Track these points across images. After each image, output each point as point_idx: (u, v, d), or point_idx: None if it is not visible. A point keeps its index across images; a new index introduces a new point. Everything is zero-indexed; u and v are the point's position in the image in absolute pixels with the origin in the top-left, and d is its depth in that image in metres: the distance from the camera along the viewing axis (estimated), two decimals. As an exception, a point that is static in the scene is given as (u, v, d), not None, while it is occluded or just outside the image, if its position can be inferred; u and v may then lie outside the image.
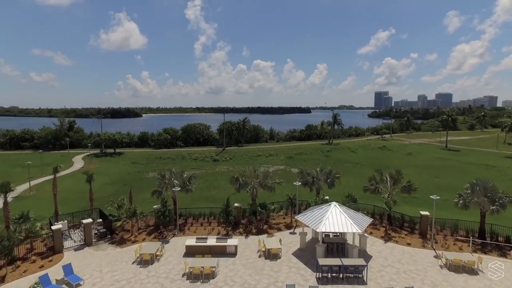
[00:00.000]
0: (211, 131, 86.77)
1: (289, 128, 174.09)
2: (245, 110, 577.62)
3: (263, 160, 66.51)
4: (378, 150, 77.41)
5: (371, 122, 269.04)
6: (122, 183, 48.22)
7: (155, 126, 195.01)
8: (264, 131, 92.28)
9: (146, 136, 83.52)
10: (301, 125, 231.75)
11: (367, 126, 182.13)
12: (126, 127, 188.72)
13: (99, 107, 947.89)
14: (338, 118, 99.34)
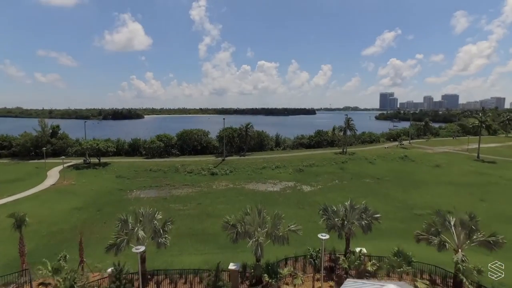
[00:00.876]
0: (210, 138, 77.65)
1: (295, 132, 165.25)
2: (249, 111, 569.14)
3: (269, 174, 57.36)
4: (399, 161, 67.84)
5: (379, 125, 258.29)
6: (96, 207, 39.34)
7: (156, 128, 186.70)
8: (269, 137, 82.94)
9: (138, 144, 74.66)
10: (307, 127, 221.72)
11: (377, 129, 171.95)
12: (125, 130, 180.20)
13: (102, 108, 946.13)
14: (351, 123, 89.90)
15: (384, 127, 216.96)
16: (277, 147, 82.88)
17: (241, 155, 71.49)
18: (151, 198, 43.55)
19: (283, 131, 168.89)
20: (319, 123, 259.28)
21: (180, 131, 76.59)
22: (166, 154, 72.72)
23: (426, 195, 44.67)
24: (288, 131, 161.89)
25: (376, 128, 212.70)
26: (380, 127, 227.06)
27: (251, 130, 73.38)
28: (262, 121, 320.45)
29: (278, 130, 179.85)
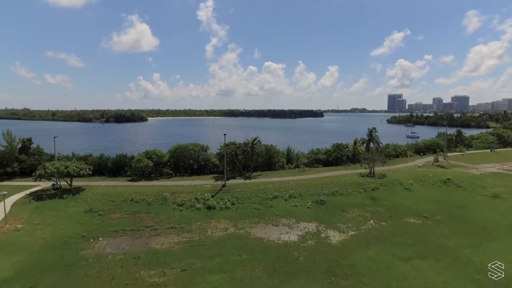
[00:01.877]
0: (209, 154, 64.94)
1: (305, 138, 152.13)
2: (255, 113, 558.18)
3: (281, 208, 44.60)
4: (442, 187, 54.48)
5: (393, 129, 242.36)
6: (31, 279, 26.90)
7: (158, 134, 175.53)
8: (280, 152, 69.88)
9: (124, 161, 62.38)
10: (318, 133, 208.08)
11: (391, 134, 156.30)
12: (125, 135, 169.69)
13: (109, 109, 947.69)
14: (375, 135, 76.74)
15: (399, 133, 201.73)
16: (289, 164, 69.98)
17: (246, 177, 58.77)
18: (118, 257, 30.96)
19: (292, 138, 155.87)
20: (329, 128, 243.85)
21: (174, 146, 64.05)
22: (156, 175, 60.52)
23: (509, 254, 31.35)
24: (297, 138, 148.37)
25: (390, 133, 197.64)
26: (395, 132, 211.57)
27: (259, 147, 60.58)
28: (269, 124, 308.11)
29: (286, 136, 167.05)
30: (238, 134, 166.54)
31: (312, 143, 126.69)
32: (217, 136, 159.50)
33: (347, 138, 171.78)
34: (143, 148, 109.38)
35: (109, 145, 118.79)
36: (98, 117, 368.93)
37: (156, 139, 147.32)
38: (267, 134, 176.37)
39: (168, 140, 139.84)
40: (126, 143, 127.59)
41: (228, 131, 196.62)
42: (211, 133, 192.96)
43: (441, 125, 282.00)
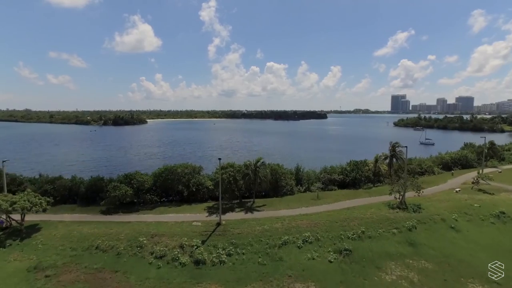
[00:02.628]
0: (202, 177, 53.50)
1: (311, 145, 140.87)
2: (258, 115, 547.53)
3: (295, 261, 33.33)
4: (498, 225, 42.88)
5: (402, 134, 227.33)
6: None
7: (154, 141, 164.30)
8: (288, 173, 58.19)
9: (99, 185, 51.08)
10: (323, 137, 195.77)
11: (403, 140, 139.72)
12: (119, 141, 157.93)
13: (110, 109, 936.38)
14: (398, 151, 65.39)
15: (410, 137, 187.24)
16: (299, 186, 58.52)
17: (248, 208, 47.37)
18: None
19: (298, 144, 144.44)
20: (335, 133, 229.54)
21: (160, 168, 52.63)
22: (138, 202, 49.38)
23: None
24: (303, 145, 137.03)
25: (400, 139, 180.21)
26: (405, 137, 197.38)
27: (263, 170, 49.01)
28: (272, 127, 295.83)
29: (291, 141, 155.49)
30: (240, 141, 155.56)
31: (320, 151, 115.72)
32: (217, 143, 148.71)
33: (357, 144, 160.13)
34: (135, 159, 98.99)
35: (98, 156, 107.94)
36: (96, 120, 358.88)
37: (152, 147, 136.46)
38: (270, 140, 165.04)
39: (164, 149, 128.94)
40: (117, 152, 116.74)
41: (228, 137, 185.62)
42: (211, 138, 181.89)
43: (452, 128, 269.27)
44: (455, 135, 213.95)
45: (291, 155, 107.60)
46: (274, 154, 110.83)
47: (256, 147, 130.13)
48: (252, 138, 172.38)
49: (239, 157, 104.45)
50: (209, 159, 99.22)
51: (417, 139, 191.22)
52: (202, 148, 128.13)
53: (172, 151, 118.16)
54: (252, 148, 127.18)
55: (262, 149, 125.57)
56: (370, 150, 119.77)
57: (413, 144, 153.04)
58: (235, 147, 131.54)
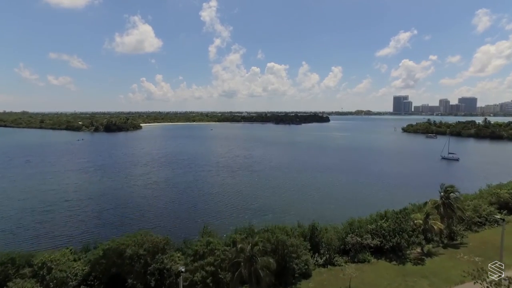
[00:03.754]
0: (170, 257, 34.65)
1: (318, 160, 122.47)
2: (258, 118, 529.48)
3: None
4: None
5: (414, 143, 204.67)
6: None
7: (142, 156, 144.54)
8: (299, 244, 38.73)
9: (5, 272, 32.37)
10: (330, 148, 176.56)
11: (421, 154, 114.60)
12: (103, 155, 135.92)
13: (110, 110, 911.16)
14: (454, 196, 46.86)
15: (427, 149, 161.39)
16: (316, 256, 39.74)
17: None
18: None
19: (303, 160, 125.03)
20: (341, 141, 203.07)
21: (100, 247, 33.67)
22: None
23: None
24: (309, 161, 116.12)
25: (415, 151, 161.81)
26: (419, 147, 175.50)
27: (265, 261, 29.89)
28: (273, 134, 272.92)
29: (295, 157, 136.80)
30: (239, 155, 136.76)
31: (332, 172, 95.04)
32: (213, 158, 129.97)
33: (372, 160, 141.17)
34: (109, 189, 79.27)
35: (62, 184, 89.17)
36: (88, 125, 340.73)
37: (138, 165, 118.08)
38: (273, 155, 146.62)
39: (150, 169, 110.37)
40: (92, 176, 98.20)
41: (226, 149, 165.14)
42: (206, 151, 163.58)
43: (467, 135, 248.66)
44: (475, 145, 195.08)
45: (298, 182, 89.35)
46: (277, 178, 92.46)
47: (257, 166, 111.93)
48: (253, 151, 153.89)
49: (237, 183, 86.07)
50: (201, 191, 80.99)
51: (433, 149, 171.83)
52: (195, 168, 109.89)
53: (158, 174, 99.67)
54: (253, 168, 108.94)
55: (263, 169, 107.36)
56: (391, 169, 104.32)
57: (433, 159, 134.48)
58: (233, 165, 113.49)
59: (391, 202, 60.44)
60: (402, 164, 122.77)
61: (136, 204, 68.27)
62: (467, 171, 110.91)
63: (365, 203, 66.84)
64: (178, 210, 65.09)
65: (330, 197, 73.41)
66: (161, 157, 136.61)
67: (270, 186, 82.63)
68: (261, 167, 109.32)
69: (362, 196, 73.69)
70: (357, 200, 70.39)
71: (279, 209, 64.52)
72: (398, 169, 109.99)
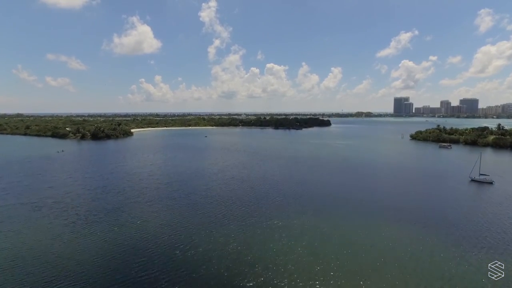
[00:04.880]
0: None
1: (323, 179, 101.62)
2: (256, 122, 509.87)
3: None
4: None
5: (430, 154, 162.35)
6: None
7: (124, 174, 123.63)
8: None
9: None
10: (334, 161, 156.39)
11: (440, 175, 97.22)
12: (75, 176, 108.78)
13: (108, 112, 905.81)
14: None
15: (450, 166, 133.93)
16: None
17: None
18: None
19: (309, 184, 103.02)
20: (348, 153, 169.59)
21: None
22: None
23: None
24: (317, 186, 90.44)
25: (437, 168, 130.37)
26: (440, 163, 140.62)
27: None
28: (272, 144, 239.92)
29: (299, 179, 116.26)
30: (234, 177, 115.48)
31: (337, 207, 71.15)
32: (203, 184, 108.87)
33: (381, 180, 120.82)
34: (57, 239, 57.90)
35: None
36: (74, 132, 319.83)
37: (110, 193, 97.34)
38: (273, 177, 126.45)
39: (123, 199, 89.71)
40: (48, 215, 77.76)
41: (220, 167, 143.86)
42: (197, 171, 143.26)
43: (483, 145, 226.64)
44: (502, 159, 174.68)
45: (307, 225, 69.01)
46: (282, 220, 71.84)
47: (257, 202, 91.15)
48: (251, 171, 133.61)
49: (229, 235, 65.16)
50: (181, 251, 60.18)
51: (454, 164, 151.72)
52: (179, 201, 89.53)
53: (130, 213, 79.03)
54: (250, 204, 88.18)
55: (265, 205, 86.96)
56: (410, 201, 75.16)
57: (459, 180, 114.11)
58: (227, 198, 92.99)
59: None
60: (422, 190, 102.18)
61: (117, 237, 47.29)
62: (499, 194, 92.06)
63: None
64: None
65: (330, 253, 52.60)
66: (144, 179, 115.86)
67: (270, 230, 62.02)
68: (263, 205, 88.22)
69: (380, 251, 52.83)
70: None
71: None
72: (419, 201, 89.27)
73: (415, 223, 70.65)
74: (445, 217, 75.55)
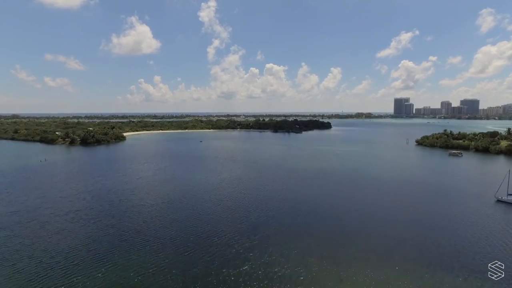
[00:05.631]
0: None
1: (327, 195, 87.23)
2: (255, 125, 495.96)
3: None
4: None
5: (439, 163, 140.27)
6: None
7: (104, 194, 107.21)
8: None
9: None
10: (337, 170, 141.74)
11: (454, 193, 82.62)
12: (48, 195, 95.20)
13: (108, 112, 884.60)
14: None
15: (463, 179, 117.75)
16: None
17: None
18: None
19: (308, 204, 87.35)
20: (352, 164, 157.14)
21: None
22: None
23: None
24: (318, 216, 79.17)
25: (449, 181, 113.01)
26: (452, 174, 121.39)
27: None
28: (271, 150, 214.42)
29: (298, 198, 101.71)
30: (225, 194, 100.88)
31: (342, 232, 56.74)
32: (190, 214, 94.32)
33: (391, 196, 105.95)
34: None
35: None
36: (64, 137, 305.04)
37: (83, 219, 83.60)
38: (271, 196, 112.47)
39: (88, 238, 75.43)
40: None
41: (214, 187, 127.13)
42: (186, 190, 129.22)
43: (496, 152, 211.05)
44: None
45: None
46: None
47: (252, 242, 76.63)
48: (247, 190, 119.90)
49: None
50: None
51: (470, 178, 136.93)
52: (162, 238, 75.39)
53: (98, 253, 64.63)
54: (245, 245, 73.64)
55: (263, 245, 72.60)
56: (427, 233, 62.87)
57: (482, 200, 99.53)
58: (218, 234, 78.89)
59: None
60: (438, 214, 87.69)
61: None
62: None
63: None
64: None
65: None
66: (118, 204, 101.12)
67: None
68: (260, 232, 74.26)
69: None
70: None
71: None
72: (433, 230, 74.75)
73: (429, 265, 55.87)
74: (468, 255, 60.25)
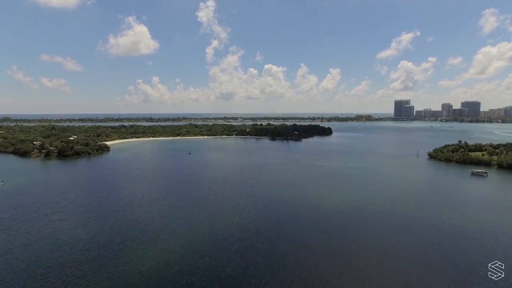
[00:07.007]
0: None
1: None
2: (252, 131, 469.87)
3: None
4: None
5: (464, 188, 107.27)
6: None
7: (54, 239, 79.86)
8: None
9: None
10: (350, 200, 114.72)
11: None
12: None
13: (107, 112, 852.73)
14: None
15: (499, 217, 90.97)
16: None
17: None
18: None
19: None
20: (356, 182, 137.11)
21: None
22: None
23: None
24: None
25: (487, 221, 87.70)
26: (487, 212, 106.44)
27: None
28: (267, 166, 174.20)
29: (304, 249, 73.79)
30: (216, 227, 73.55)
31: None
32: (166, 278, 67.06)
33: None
34: None
35: None
36: (40, 149, 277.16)
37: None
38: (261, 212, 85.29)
39: None
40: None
41: (191, 218, 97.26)
42: (162, 227, 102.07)
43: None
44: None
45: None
46: None
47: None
48: (242, 228, 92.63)
49: None
50: None
51: (507, 211, 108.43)
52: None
53: None
54: None
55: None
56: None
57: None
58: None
59: None
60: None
61: None
62: None
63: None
64: None
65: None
66: (57, 261, 74.11)
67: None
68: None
69: None
70: None
71: None
72: None
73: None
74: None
